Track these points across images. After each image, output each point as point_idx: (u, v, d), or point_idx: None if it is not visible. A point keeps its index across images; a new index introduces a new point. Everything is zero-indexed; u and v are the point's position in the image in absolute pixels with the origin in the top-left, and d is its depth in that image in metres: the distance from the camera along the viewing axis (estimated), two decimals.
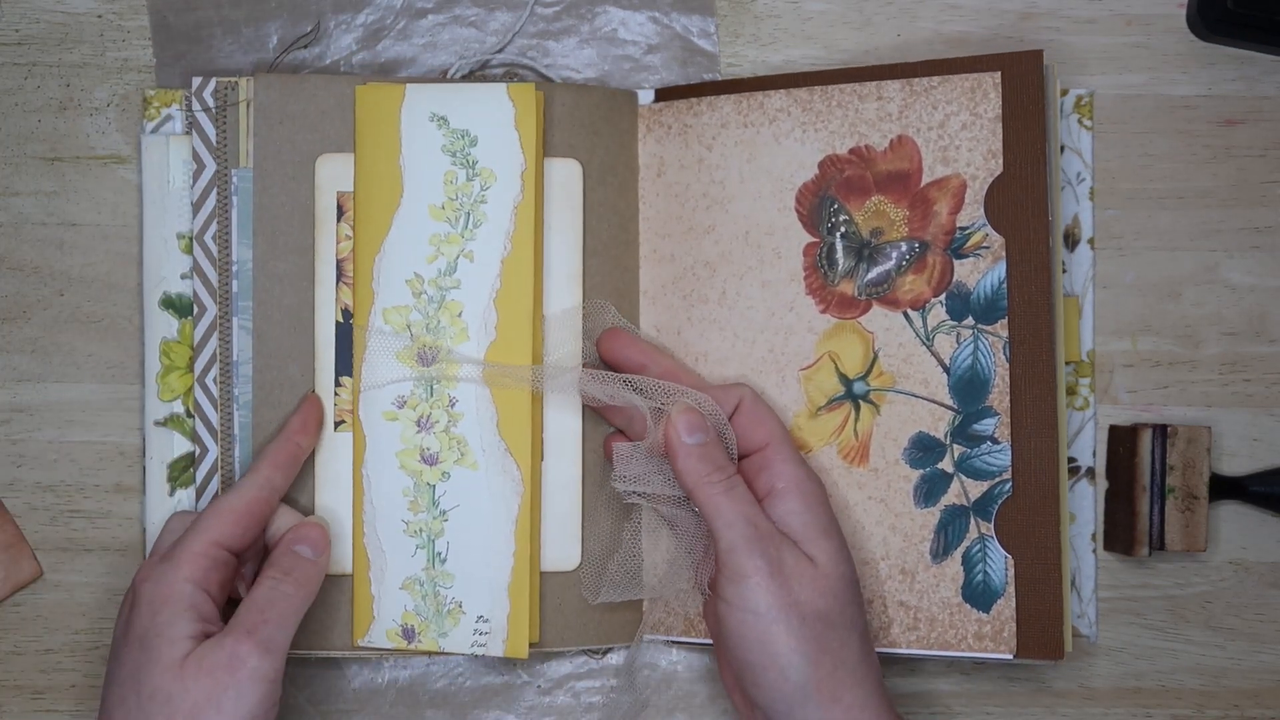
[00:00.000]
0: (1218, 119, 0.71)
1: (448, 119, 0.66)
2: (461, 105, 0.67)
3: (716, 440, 0.63)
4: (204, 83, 0.67)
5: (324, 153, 0.67)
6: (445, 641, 0.66)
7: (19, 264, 0.69)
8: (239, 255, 0.66)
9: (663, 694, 0.71)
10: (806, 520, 0.62)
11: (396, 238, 0.66)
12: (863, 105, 0.66)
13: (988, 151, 0.64)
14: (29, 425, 0.69)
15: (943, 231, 0.65)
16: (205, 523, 0.61)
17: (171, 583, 0.59)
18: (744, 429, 0.64)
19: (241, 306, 0.66)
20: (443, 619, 0.66)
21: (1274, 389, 0.71)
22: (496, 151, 0.67)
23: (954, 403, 0.65)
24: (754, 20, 0.71)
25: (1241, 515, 0.71)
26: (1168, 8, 0.71)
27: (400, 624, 0.66)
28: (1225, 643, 0.71)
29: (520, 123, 0.67)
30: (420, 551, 0.66)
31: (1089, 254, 0.70)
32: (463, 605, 0.66)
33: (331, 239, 0.67)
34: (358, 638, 0.66)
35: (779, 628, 0.60)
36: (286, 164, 0.66)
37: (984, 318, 0.64)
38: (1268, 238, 0.71)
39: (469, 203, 0.66)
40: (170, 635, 0.58)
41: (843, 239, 0.66)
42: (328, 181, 0.67)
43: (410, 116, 0.66)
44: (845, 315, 0.66)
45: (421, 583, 0.66)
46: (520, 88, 0.67)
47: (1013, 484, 0.64)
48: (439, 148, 0.66)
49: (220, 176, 0.66)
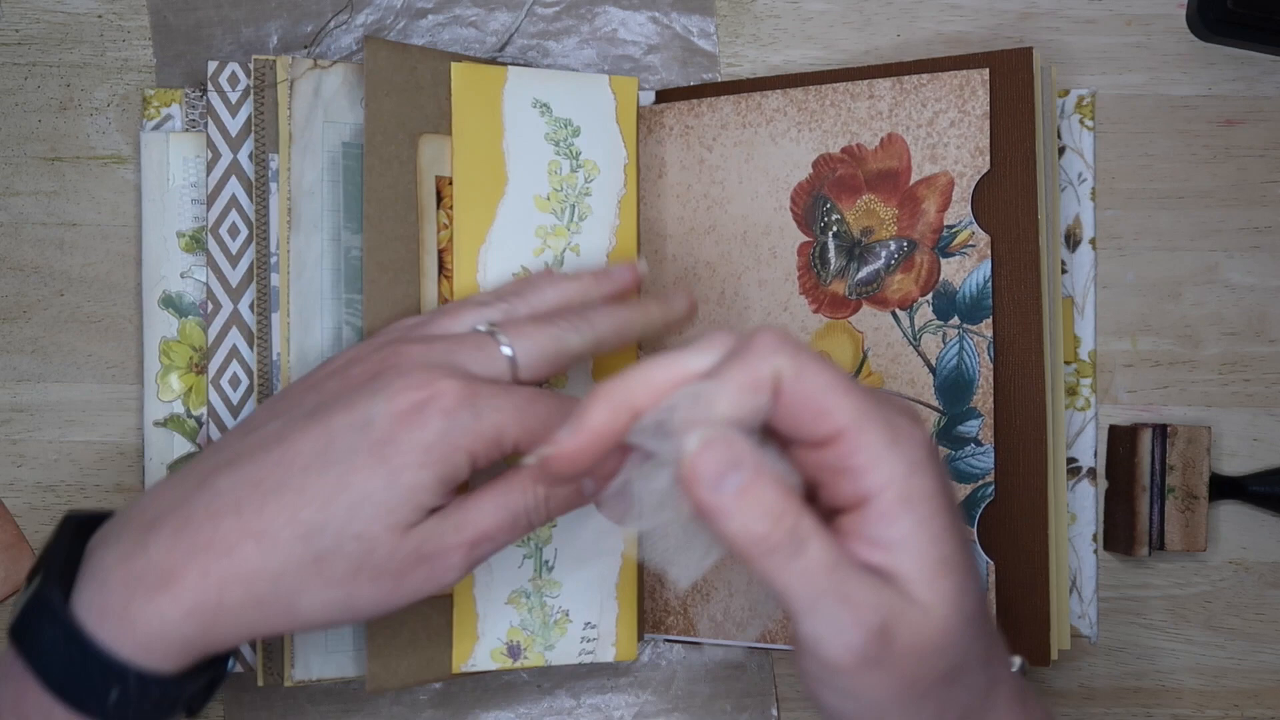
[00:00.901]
0: (1218, 119, 0.71)
1: (550, 106, 0.65)
2: (564, 94, 0.65)
3: (760, 469, 0.43)
4: (220, 67, 0.65)
5: (424, 132, 0.63)
6: (552, 654, 0.64)
7: (19, 264, 0.69)
8: (345, 240, 0.62)
9: (663, 694, 0.71)
10: (916, 550, 0.44)
11: (502, 227, 0.63)
12: (855, 104, 0.66)
13: (975, 149, 0.64)
14: (29, 425, 0.69)
15: (930, 230, 0.65)
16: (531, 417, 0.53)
17: (459, 451, 0.51)
18: (795, 417, 0.45)
19: (347, 299, 0.61)
20: (549, 630, 0.64)
21: (1274, 389, 0.71)
22: (600, 143, 0.65)
23: (939, 404, 0.64)
24: (754, 20, 0.71)
25: (1241, 515, 0.71)
26: (1168, 8, 0.71)
27: (506, 641, 0.64)
28: (1225, 643, 0.71)
29: (621, 115, 0.66)
30: (528, 561, 0.64)
31: (1090, 254, 0.70)
32: (569, 614, 0.64)
33: (434, 226, 0.63)
34: (459, 663, 0.63)
35: (892, 716, 0.46)
36: (393, 142, 0.62)
37: (969, 317, 0.64)
38: (1268, 238, 0.71)
39: (574, 194, 0.65)
40: (417, 501, 0.51)
41: (835, 238, 0.66)
42: (428, 163, 0.63)
43: (512, 100, 0.64)
44: (837, 315, 0.66)
45: (528, 595, 0.64)
46: (623, 80, 0.66)
47: (995, 487, 0.64)
48: (542, 136, 0.65)
49: (258, 160, 0.64)
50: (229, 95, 0.65)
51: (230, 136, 0.65)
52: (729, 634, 0.67)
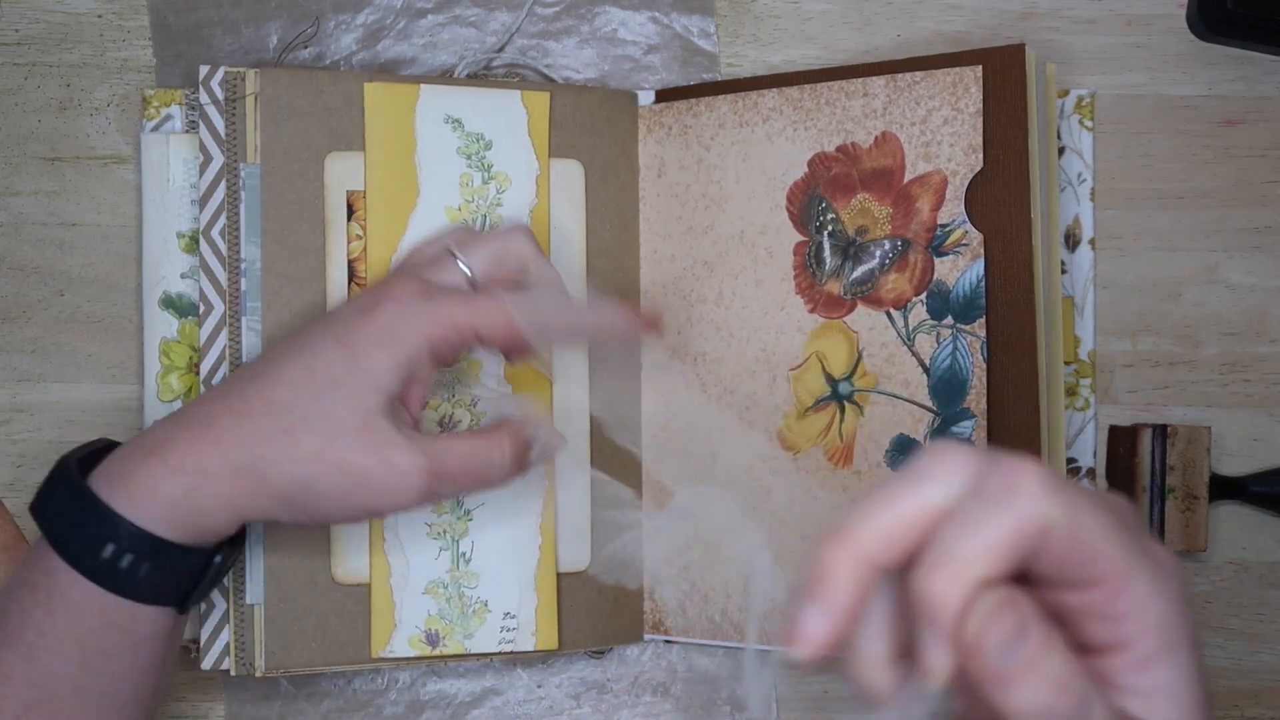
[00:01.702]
0: (1218, 119, 0.71)
1: (462, 122, 0.67)
2: (476, 109, 0.67)
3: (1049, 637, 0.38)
4: (211, 71, 0.65)
5: (332, 150, 0.66)
6: (471, 642, 0.66)
7: (19, 264, 0.69)
8: (247, 254, 0.65)
9: (663, 694, 0.70)
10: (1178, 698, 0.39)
11: (414, 237, 0.66)
12: (849, 102, 0.66)
13: (968, 147, 0.64)
14: (29, 425, 0.69)
15: (924, 229, 0.65)
16: (467, 303, 0.59)
17: (412, 330, 0.57)
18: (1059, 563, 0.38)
19: (250, 307, 0.65)
20: (468, 620, 0.66)
21: (1274, 389, 0.71)
22: (511, 156, 0.67)
23: (933, 404, 0.64)
24: (754, 20, 0.71)
25: (1241, 515, 0.71)
26: (1168, 8, 0.71)
27: (424, 630, 0.66)
28: (1225, 643, 0.70)
29: (533, 129, 0.67)
30: (444, 553, 0.66)
31: (1090, 254, 0.70)
32: (488, 604, 0.66)
33: (343, 238, 0.66)
34: (377, 649, 0.65)
35: None
36: (294, 160, 0.65)
37: (962, 317, 0.64)
38: (1268, 238, 0.71)
39: (485, 205, 0.67)
40: (378, 383, 0.57)
41: (830, 238, 0.66)
42: (336, 180, 0.66)
43: (425, 117, 0.66)
44: (832, 315, 0.66)
45: (445, 585, 0.66)
46: (534, 95, 0.67)
47: None
48: (454, 150, 0.67)
49: (229, 170, 0.65)
50: (219, 99, 0.66)
51: (221, 140, 0.66)
52: (728, 634, 0.68)
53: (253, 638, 0.65)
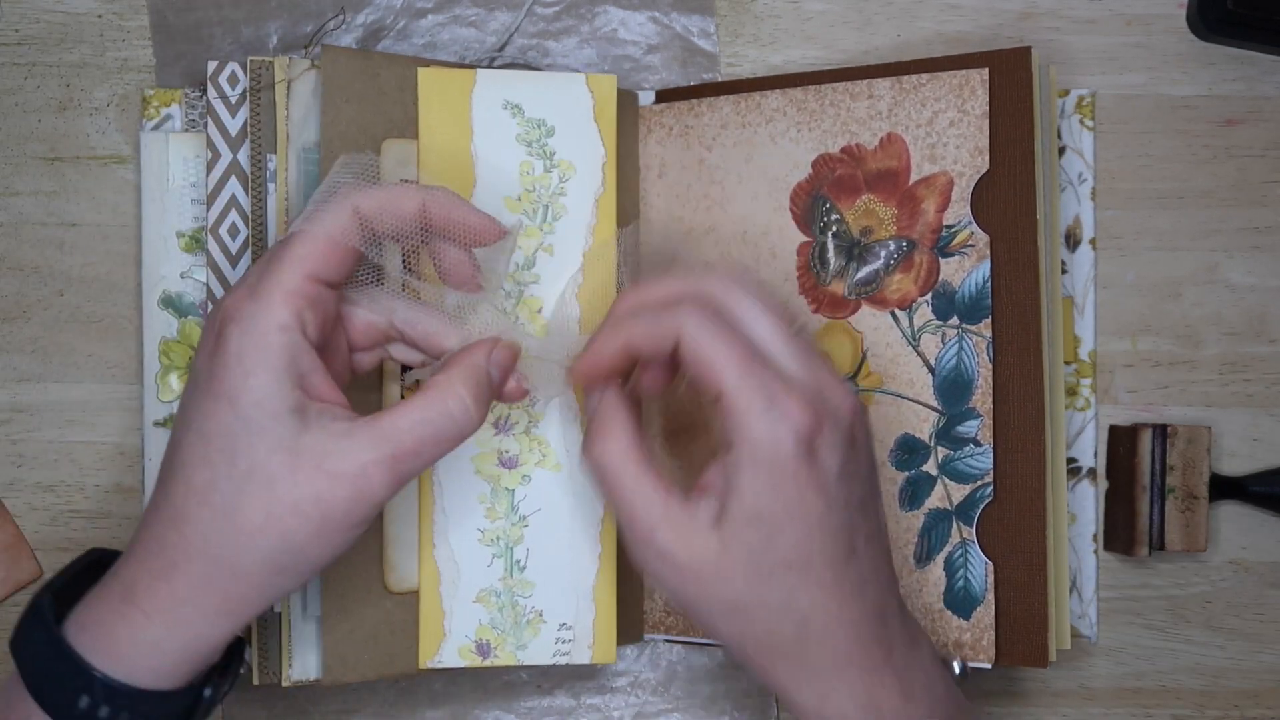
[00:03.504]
0: (1218, 119, 0.71)
1: (522, 107, 0.65)
2: (536, 94, 0.65)
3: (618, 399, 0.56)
4: (220, 67, 0.65)
5: (388, 136, 0.63)
6: (524, 654, 0.64)
7: (19, 264, 0.69)
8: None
9: (663, 694, 0.71)
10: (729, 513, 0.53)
11: None
12: (854, 104, 0.66)
13: (974, 148, 0.64)
14: (29, 425, 0.69)
15: (930, 230, 0.65)
16: (295, 250, 0.52)
17: (265, 331, 0.51)
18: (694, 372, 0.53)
19: None
20: (521, 630, 0.64)
21: (1274, 389, 0.71)
22: (576, 143, 0.65)
23: (938, 404, 0.64)
24: (754, 20, 0.71)
25: (1241, 515, 0.71)
26: (1168, 8, 0.71)
27: (474, 640, 0.63)
28: (1225, 643, 0.71)
29: (600, 113, 0.65)
30: (497, 561, 0.64)
31: (1090, 254, 0.70)
32: (543, 614, 0.64)
33: None
34: (426, 659, 0.63)
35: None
36: (353, 147, 0.62)
37: (968, 317, 0.64)
38: (1268, 238, 0.71)
39: (547, 195, 0.65)
40: (272, 408, 0.50)
41: (834, 238, 0.66)
42: (392, 168, 0.63)
43: (482, 103, 0.64)
44: (836, 315, 0.66)
45: (498, 594, 0.64)
46: (600, 78, 0.66)
47: (994, 488, 0.63)
48: (513, 137, 0.64)
49: (254, 161, 0.64)
50: (228, 95, 0.65)
51: (230, 136, 0.65)
52: None
53: (279, 644, 0.63)
